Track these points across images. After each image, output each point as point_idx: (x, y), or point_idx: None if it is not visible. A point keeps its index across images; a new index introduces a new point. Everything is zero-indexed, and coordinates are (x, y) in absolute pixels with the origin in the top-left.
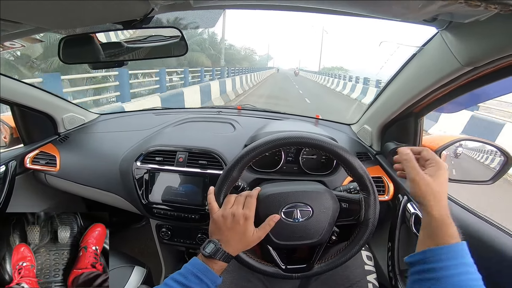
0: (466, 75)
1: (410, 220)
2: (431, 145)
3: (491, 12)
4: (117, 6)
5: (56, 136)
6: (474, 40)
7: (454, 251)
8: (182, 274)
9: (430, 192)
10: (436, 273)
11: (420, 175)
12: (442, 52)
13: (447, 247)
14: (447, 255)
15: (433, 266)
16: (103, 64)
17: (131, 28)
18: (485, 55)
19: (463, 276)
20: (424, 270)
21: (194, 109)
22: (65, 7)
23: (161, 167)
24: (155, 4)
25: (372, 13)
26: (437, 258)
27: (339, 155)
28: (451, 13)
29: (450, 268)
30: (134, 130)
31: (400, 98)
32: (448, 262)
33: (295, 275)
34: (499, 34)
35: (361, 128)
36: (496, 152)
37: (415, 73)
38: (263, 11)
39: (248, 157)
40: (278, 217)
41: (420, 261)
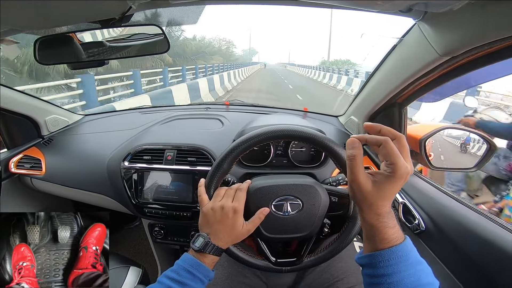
0: (444, 64)
1: (398, 209)
2: (415, 134)
3: (463, 2)
4: (93, 5)
5: (40, 139)
6: (450, 30)
7: (394, 254)
8: (175, 270)
9: (364, 201)
10: (381, 279)
11: (357, 182)
12: (420, 43)
13: (384, 252)
14: (389, 261)
15: (379, 272)
16: (83, 64)
17: (109, 27)
18: (461, 44)
19: (411, 278)
20: (373, 275)
21: (181, 106)
22: (38, 7)
23: (150, 166)
24: (132, 2)
25: (349, 4)
26: (381, 265)
27: (326, 146)
28: (425, 3)
29: (394, 274)
30: (120, 129)
31: (383, 89)
32: (390, 269)
33: (284, 269)
34: (473, 23)
35: (348, 119)
36: (479, 140)
37: (396, 64)
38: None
39: (238, 149)
40: (267, 210)
41: (367, 264)
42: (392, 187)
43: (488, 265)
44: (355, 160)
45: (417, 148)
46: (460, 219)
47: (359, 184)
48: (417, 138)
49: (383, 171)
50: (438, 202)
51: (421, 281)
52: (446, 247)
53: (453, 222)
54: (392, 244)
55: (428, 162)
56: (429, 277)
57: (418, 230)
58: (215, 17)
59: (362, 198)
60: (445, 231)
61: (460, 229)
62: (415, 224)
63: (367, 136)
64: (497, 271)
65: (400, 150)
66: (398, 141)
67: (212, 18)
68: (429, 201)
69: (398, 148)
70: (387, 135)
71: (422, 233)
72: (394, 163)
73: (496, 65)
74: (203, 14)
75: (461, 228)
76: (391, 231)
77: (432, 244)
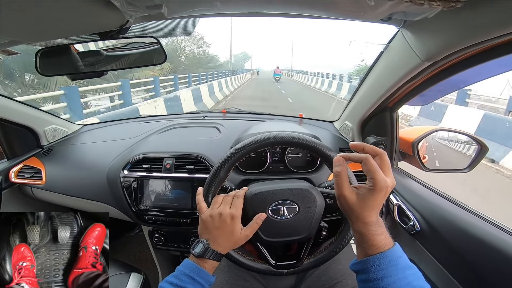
0: (427, 69)
1: (394, 210)
2: (408, 137)
3: (436, 10)
4: (92, 19)
5: (39, 149)
6: (429, 37)
7: (384, 259)
8: (176, 275)
9: (351, 212)
10: (374, 283)
11: (343, 196)
12: (404, 49)
13: (375, 257)
14: (379, 266)
15: (371, 276)
16: (82, 75)
17: (108, 39)
18: (441, 50)
19: (402, 281)
20: (366, 280)
21: (179, 115)
22: (39, 19)
23: (149, 174)
24: (129, 16)
25: (331, 14)
26: (372, 269)
27: (318, 150)
28: (404, 12)
29: (385, 277)
30: (119, 139)
31: (373, 94)
32: (381, 273)
33: (285, 271)
34: (450, 30)
35: (342, 125)
36: (471, 141)
37: (384, 70)
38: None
39: (234, 157)
40: (264, 215)
41: (360, 270)
42: (374, 199)
43: (481, 263)
44: (340, 176)
45: (410, 151)
46: (452, 219)
47: (344, 197)
48: (409, 141)
49: (366, 184)
50: (431, 203)
51: (413, 284)
52: (441, 247)
53: (446, 222)
54: (381, 250)
55: (422, 165)
56: (420, 280)
57: (414, 231)
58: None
59: (349, 210)
60: (439, 231)
61: (453, 228)
62: (410, 225)
63: (350, 155)
64: (490, 269)
65: (381, 166)
66: (380, 158)
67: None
68: (423, 202)
69: (379, 163)
70: (369, 153)
71: (418, 234)
72: (374, 178)
73: (482, 67)
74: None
75: (454, 227)
76: (379, 238)
77: (428, 245)
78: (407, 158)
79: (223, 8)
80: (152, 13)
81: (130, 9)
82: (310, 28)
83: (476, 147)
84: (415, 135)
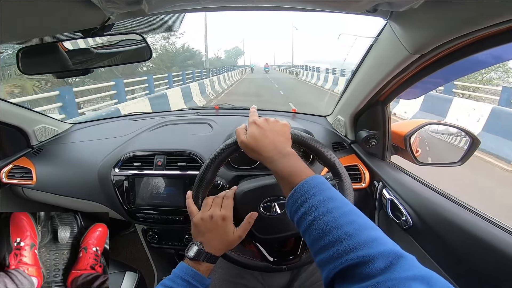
0: (416, 62)
1: (386, 205)
2: (400, 130)
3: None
4: (72, 16)
5: (29, 149)
6: (416, 29)
7: (297, 191)
8: (171, 279)
9: (254, 153)
10: (303, 208)
11: (240, 141)
12: (392, 42)
13: (291, 194)
14: (298, 193)
15: (299, 204)
16: (68, 73)
17: (90, 36)
18: (428, 42)
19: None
20: (297, 211)
21: (171, 112)
22: (18, 18)
23: (140, 172)
24: (110, 13)
25: (316, 6)
26: (296, 198)
27: (309, 145)
28: (389, 3)
29: (312, 197)
30: (110, 137)
31: (364, 88)
32: (305, 196)
33: (284, 267)
34: (434, 21)
35: (335, 119)
36: (462, 134)
37: (373, 63)
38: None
39: (219, 158)
40: (256, 214)
41: (290, 209)
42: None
43: (473, 257)
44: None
45: (402, 145)
46: (445, 214)
47: (242, 142)
48: (402, 134)
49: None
50: (424, 197)
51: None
52: (433, 242)
53: (437, 216)
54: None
55: (414, 158)
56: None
57: (406, 226)
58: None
59: (251, 151)
60: (431, 226)
61: (444, 222)
62: (402, 220)
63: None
64: (482, 263)
65: None
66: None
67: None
68: (415, 196)
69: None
70: None
71: (410, 228)
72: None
73: (471, 59)
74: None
75: (446, 222)
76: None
77: (421, 239)
78: (400, 152)
79: (204, 3)
80: (132, 9)
81: (109, 6)
82: (303, 23)
83: (468, 139)
84: (407, 129)
